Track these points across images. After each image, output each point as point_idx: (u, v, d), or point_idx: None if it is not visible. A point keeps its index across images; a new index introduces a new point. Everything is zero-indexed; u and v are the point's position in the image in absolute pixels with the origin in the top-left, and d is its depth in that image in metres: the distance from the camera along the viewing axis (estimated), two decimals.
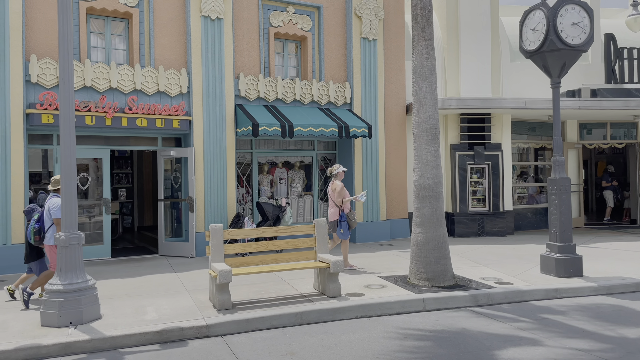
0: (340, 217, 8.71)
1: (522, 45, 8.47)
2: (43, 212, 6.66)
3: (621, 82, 13.55)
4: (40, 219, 6.65)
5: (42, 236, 6.62)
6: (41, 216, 6.66)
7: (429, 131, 7.54)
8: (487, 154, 12.88)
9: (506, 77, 13.42)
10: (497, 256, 9.81)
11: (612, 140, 15.14)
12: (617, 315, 6.20)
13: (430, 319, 6.21)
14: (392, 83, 12.67)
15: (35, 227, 6.60)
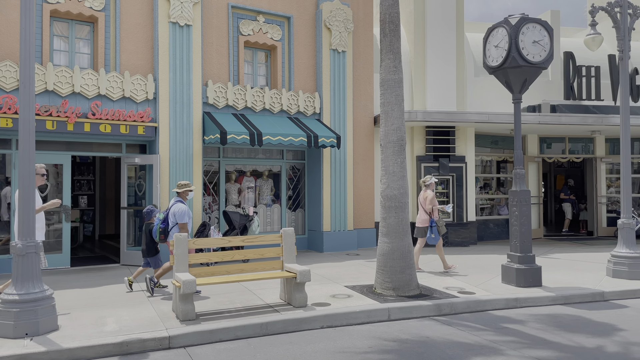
0: (431, 223, 9.44)
1: (486, 61, 8.72)
2: (168, 214, 7.51)
3: (579, 98, 14.10)
4: (166, 220, 7.51)
5: (167, 235, 7.51)
6: (166, 217, 7.51)
7: (395, 143, 7.65)
8: (452, 166, 13.15)
9: (470, 91, 13.77)
10: (460, 266, 9.99)
11: (570, 155, 15.69)
12: (574, 325, 6.40)
13: (395, 328, 6.26)
14: (361, 94, 12.82)
15: (161, 227, 7.50)
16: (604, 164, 15.75)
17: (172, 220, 7.44)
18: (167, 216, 7.50)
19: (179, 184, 7.70)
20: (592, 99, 14.14)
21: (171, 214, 7.45)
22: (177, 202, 7.53)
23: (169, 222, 7.47)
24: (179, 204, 7.48)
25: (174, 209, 7.45)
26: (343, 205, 12.17)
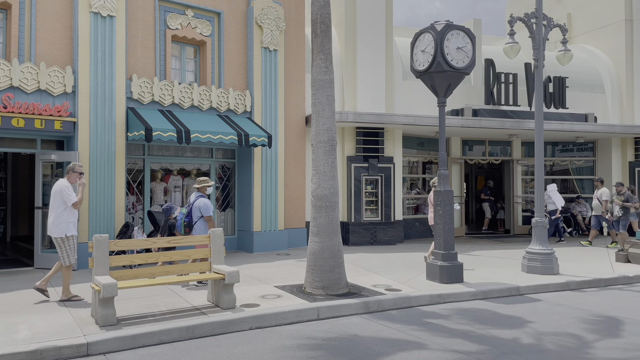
0: None
1: (413, 65, 8.99)
2: (192, 208, 8.07)
3: (499, 103, 14.88)
4: (189, 214, 8.07)
5: (191, 228, 8.04)
6: (190, 212, 8.08)
7: (326, 143, 7.70)
8: (381, 166, 13.46)
9: (399, 94, 14.14)
10: (387, 264, 10.24)
11: (490, 157, 16.55)
12: (492, 319, 6.73)
13: (323, 327, 6.30)
14: (293, 94, 12.80)
15: (185, 221, 8.07)
16: (520, 165, 16.76)
17: (197, 214, 8.05)
18: (191, 210, 8.10)
19: (198, 180, 8.35)
20: (510, 104, 14.97)
21: (195, 208, 8.06)
22: (199, 197, 8.15)
23: (193, 216, 8.08)
24: (202, 198, 8.11)
25: (198, 203, 8.05)
26: (274, 205, 12.10)
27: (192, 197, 8.24)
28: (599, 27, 17.48)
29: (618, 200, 12.11)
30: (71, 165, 7.29)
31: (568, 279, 8.86)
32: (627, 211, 12.07)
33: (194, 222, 8.08)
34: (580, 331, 6.13)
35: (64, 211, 7.01)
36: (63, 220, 7.00)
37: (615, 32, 16.82)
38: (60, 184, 7.05)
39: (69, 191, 7.02)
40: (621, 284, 9.15)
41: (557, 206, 13.84)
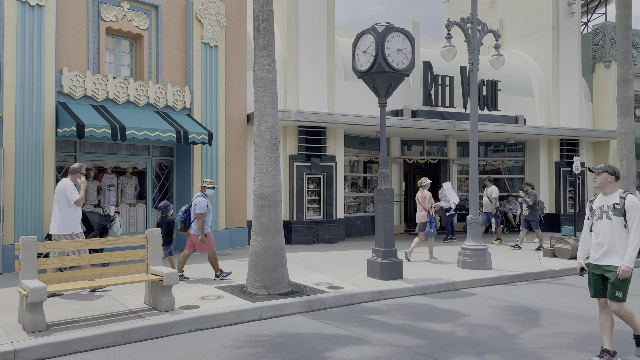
0: (430, 219, 10.66)
1: (355, 66, 9.10)
2: (190, 206, 8.40)
3: (436, 105, 15.36)
4: (188, 211, 8.39)
5: (187, 225, 8.36)
6: (188, 209, 8.40)
7: (269, 141, 7.64)
8: (323, 165, 13.54)
9: (341, 94, 14.28)
10: (330, 262, 10.32)
11: (427, 157, 17.06)
12: (430, 313, 6.93)
13: (266, 326, 6.25)
14: (234, 91, 12.62)
15: (182, 217, 8.38)
16: (456, 165, 17.38)
17: (194, 211, 8.31)
18: (190, 208, 8.42)
19: (203, 181, 8.71)
20: (446, 106, 15.49)
21: (193, 207, 8.35)
22: (198, 195, 8.44)
23: (191, 213, 8.39)
24: (200, 197, 8.37)
25: (195, 201, 8.35)
26: (214, 204, 11.87)
27: (194, 198, 8.59)
28: (529, 33, 18.44)
29: (529, 200, 12.58)
30: (77, 167, 7.59)
31: (500, 274, 9.28)
32: (533, 211, 12.69)
33: (191, 219, 8.40)
34: (511, 323, 6.43)
35: (68, 210, 7.35)
36: (70, 218, 7.36)
37: (543, 39, 17.81)
38: (64, 183, 7.39)
39: (72, 189, 7.37)
40: (548, 278, 9.70)
41: (450, 204, 13.99)
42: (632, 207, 4.81)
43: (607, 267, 4.89)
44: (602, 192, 5.06)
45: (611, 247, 4.88)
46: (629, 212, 4.82)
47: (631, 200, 4.85)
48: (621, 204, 4.87)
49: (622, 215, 4.85)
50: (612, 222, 4.88)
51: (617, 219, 4.87)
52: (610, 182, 4.98)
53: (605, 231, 4.92)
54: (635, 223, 4.76)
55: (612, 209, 4.90)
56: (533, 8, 18.24)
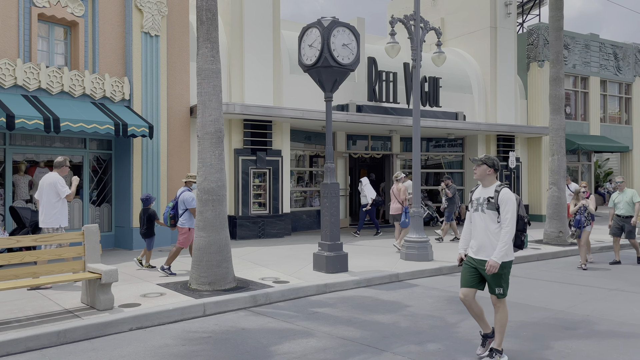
0: (405, 210, 11.17)
1: (301, 60, 9.07)
2: (177, 202, 8.49)
3: (380, 100, 15.60)
4: (175, 207, 8.50)
5: (176, 220, 8.48)
6: (176, 205, 8.50)
7: (213, 134, 7.49)
8: (269, 159, 13.45)
9: (286, 87, 14.21)
10: (276, 257, 10.28)
11: (372, 151, 17.32)
12: (375, 305, 7.06)
13: (210, 323, 6.15)
14: (177, 83, 12.28)
15: (171, 213, 8.51)
16: (399, 159, 17.75)
17: (182, 207, 8.40)
18: (177, 204, 8.48)
19: (187, 175, 8.84)
20: (390, 101, 15.76)
21: (180, 202, 8.42)
22: (184, 190, 8.50)
23: (179, 209, 8.45)
24: (187, 192, 8.47)
25: (183, 196, 8.43)
26: (156, 200, 11.52)
27: (179, 191, 8.61)
28: (468, 32, 19.06)
29: (449, 192, 12.93)
30: (62, 160, 7.73)
31: (441, 265, 9.58)
32: (451, 203, 12.98)
33: (179, 214, 8.46)
34: (451, 312, 6.65)
35: (57, 203, 7.49)
36: (57, 211, 7.48)
37: (482, 38, 18.47)
38: (53, 177, 7.51)
39: (63, 183, 7.50)
40: None
41: (367, 199, 13.93)
42: (505, 201, 4.59)
43: (480, 262, 4.73)
44: (481, 184, 4.87)
45: (483, 241, 4.70)
46: (502, 207, 4.59)
47: (505, 195, 4.62)
48: (495, 198, 4.64)
49: (495, 209, 4.63)
50: (486, 215, 4.69)
51: (490, 212, 4.66)
52: (489, 175, 4.76)
53: (480, 224, 4.73)
54: (508, 218, 4.56)
55: (486, 202, 4.69)
56: (472, 8, 18.85)
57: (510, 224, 4.56)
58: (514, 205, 4.61)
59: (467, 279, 4.85)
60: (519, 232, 4.74)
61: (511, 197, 4.61)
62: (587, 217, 9.88)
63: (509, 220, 4.56)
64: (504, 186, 4.70)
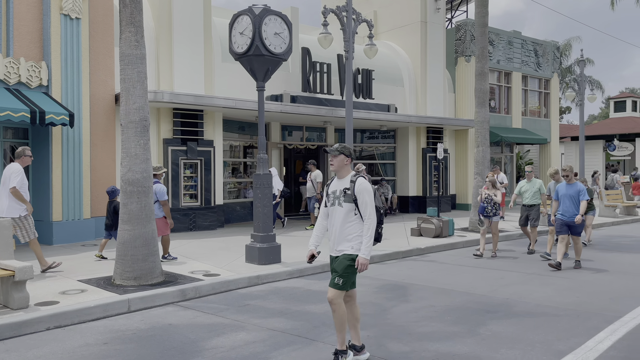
0: None
1: (232, 47, 8.87)
2: None
3: (315, 91, 15.61)
4: None
5: None
6: None
7: (138, 123, 7.18)
8: (200, 150, 13.10)
9: (218, 76, 13.88)
10: (207, 249, 10.06)
11: (307, 142, 17.33)
12: (306, 295, 7.07)
13: (135, 319, 5.91)
14: (100, 69, 11.66)
15: None
16: None
17: (154, 198, 8.14)
18: None
19: (154, 168, 8.61)
20: (324, 92, 15.81)
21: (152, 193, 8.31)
22: (155, 182, 8.45)
23: None
24: (158, 184, 8.53)
25: (155, 188, 8.31)
26: (78, 192, 10.93)
27: None
28: (400, 26, 19.45)
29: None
30: (20, 151, 7.71)
31: (373, 254, 9.75)
32: None
33: None
34: (381, 300, 6.79)
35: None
36: (15, 201, 7.42)
37: (413, 32, 18.91)
38: (12, 168, 7.49)
39: (17, 174, 7.44)
40: (415, 255, 10.41)
41: (274, 190, 13.02)
42: (362, 191, 4.27)
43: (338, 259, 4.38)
44: (337, 175, 4.48)
45: (342, 237, 4.34)
46: (360, 198, 4.27)
47: (361, 185, 4.30)
48: (351, 189, 4.30)
49: (352, 201, 4.29)
50: (343, 209, 4.33)
51: (348, 205, 4.31)
52: (346, 165, 4.42)
53: (337, 220, 4.37)
54: (368, 210, 4.25)
55: (343, 194, 4.34)
56: (404, 1, 19.24)
57: (373, 215, 4.26)
58: (372, 195, 4.31)
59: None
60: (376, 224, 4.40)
61: (368, 187, 4.31)
62: (493, 206, 10.11)
63: (370, 212, 4.25)
64: (359, 176, 4.38)
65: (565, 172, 8.97)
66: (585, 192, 8.94)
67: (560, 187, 9.15)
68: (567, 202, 8.93)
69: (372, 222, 4.27)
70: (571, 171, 8.96)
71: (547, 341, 5.09)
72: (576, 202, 8.87)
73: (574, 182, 9.04)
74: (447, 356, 4.70)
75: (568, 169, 8.96)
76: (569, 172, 8.93)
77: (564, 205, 8.98)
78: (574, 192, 8.91)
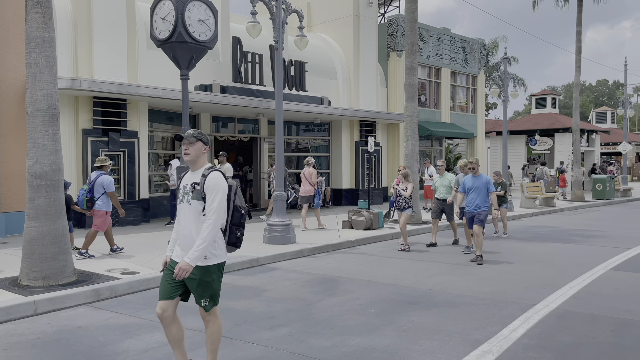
0: (317, 192, 12.23)
1: (153, 33, 8.45)
2: (94, 185, 8.47)
3: (246, 82, 15.27)
4: (91, 190, 8.44)
5: (93, 203, 8.46)
6: (92, 188, 8.46)
7: (46, 111, 6.65)
8: (123, 141, 12.47)
9: (143, 64, 13.24)
10: (128, 246, 9.58)
11: (240, 134, 16.98)
12: (231, 292, 6.86)
13: (41, 322, 5.48)
14: (10, 53, 10.78)
15: (87, 196, 8.43)
16: (267, 143, 17.64)
17: (100, 190, 8.46)
18: (93, 187, 8.45)
19: (98, 159, 8.73)
20: (257, 83, 15.51)
21: (98, 185, 8.45)
22: (101, 174, 8.54)
23: (95, 192, 8.45)
24: (105, 175, 8.55)
25: (101, 180, 8.48)
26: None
27: (92, 175, 8.62)
28: (334, 19, 19.45)
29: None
30: None
31: (302, 247, 9.68)
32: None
33: (96, 197, 8.47)
34: (308, 294, 6.70)
35: None
36: None
37: (346, 25, 18.96)
38: None
39: None
40: (345, 248, 10.44)
41: (172, 182, 12.57)
42: (212, 187, 3.61)
43: None
44: (190, 167, 3.80)
45: (189, 241, 3.66)
46: (209, 194, 3.61)
47: (212, 179, 3.63)
48: (201, 183, 3.64)
49: (201, 198, 3.63)
50: (191, 207, 3.66)
51: (196, 203, 3.65)
52: (204, 154, 3.79)
53: (185, 220, 3.70)
54: (213, 207, 3.58)
55: (192, 190, 3.67)
56: None
57: (216, 215, 3.58)
58: (224, 192, 3.66)
59: (166, 288, 3.73)
60: (235, 226, 3.79)
61: (221, 183, 3.65)
62: (404, 199, 10.10)
63: (214, 210, 3.58)
64: (214, 169, 3.72)
65: (472, 164, 9.05)
66: (492, 185, 9.09)
67: (466, 179, 9.22)
68: (473, 194, 9.04)
69: (214, 223, 3.57)
70: (477, 163, 9.08)
71: (465, 331, 5.20)
72: (482, 194, 8.97)
73: (480, 175, 9.12)
74: (367, 350, 4.68)
75: (474, 161, 9.09)
76: (475, 165, 9.04)
77: (469, 197, 9.10)
78: (480, 184, 9.00)
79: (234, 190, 3.77)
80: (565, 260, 9.00)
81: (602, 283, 7.26)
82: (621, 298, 6.43)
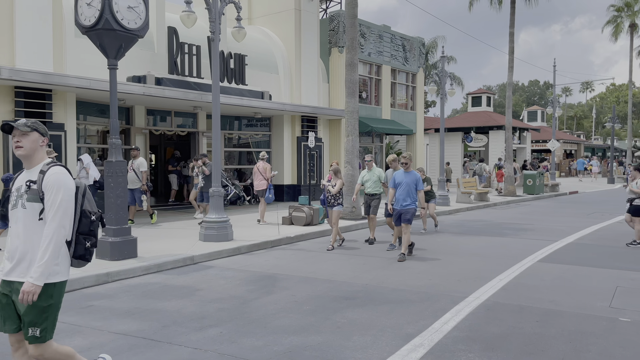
0: (269, 186, 12.34)
1: (78, 20, 7.94)
2: None
3: (183, 74, 14.76)
4: None
5: None
6: None
7: None
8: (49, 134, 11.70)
9: (71, 52, 12.49)
10: None
11: (177, 128, 16.43)
12: (162, 292, 6.57)
13: None
14: None
15: None
16: (205, 137, 17.17)
17: None
18: None
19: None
20: (194, 76, 15.03)
21: None
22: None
23: None
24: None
25: None
26: None
27: None
28: (275, 12, 19.20)
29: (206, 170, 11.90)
30: None
31: (240, 244, 9.46)
32: (209, 182, 11.65)
33: None
34: (243, 292, 6.53)
35: None
36: None
37: (287, 19, 18.77)
38: None
39: None
40: (284, 244, 10.31)
41: (90, 180, 11.48)
42: (52, 185, 3.01)
43: (19, 285, 3.02)
44: (25, 165, 3.16)
45: (25, 254, 3.03)
46: (47, 194, 3.00)
47: (53, 175, 3.04)
48: (39, 181, 3.04)
49: (39, 200, 3.03)
50: (27, 212, 3.04)
51: (32, 206, 3.03)
52: (42, 147, 3.15)
53: (19, 227, 3.06)
54: (52, 211, 2.98)
55: (27, 190, 3.06)
56: None
57: (59, 217, 2.98)
58: (69, 192, 3.05)
59: (7, 317, 3.10)
60: (83, 236, 3.17)
61: (64, 179, 3.05)
62: (333, 196, 10.07)
63: (54, 214, 2.97)
64: (55, 164, 3.12)
65: (405, 159, 8.95)
66: (421, 182, 9.04)
67: (397, 175, 9.07)
68: (401, 191, 8.87)
69: (57, 227, 2.97)
70: (410, 159, 9.00)
71: (398, 325, 5.21)
72: (412, 190, 8.87)
73: (411, 171, 9.03)
74: (299, 348, 4.58)
75: (407, 156, 9.03)
76: (407, 160, 8.94)
77: (397, 193, 8.93)
78: (410, 180, 8.88)
79: (82, 192, 3.17)
80: (496, 253, 9.29)
81: (529, 275, 7.53)
82: (547, 289, 6.69)
